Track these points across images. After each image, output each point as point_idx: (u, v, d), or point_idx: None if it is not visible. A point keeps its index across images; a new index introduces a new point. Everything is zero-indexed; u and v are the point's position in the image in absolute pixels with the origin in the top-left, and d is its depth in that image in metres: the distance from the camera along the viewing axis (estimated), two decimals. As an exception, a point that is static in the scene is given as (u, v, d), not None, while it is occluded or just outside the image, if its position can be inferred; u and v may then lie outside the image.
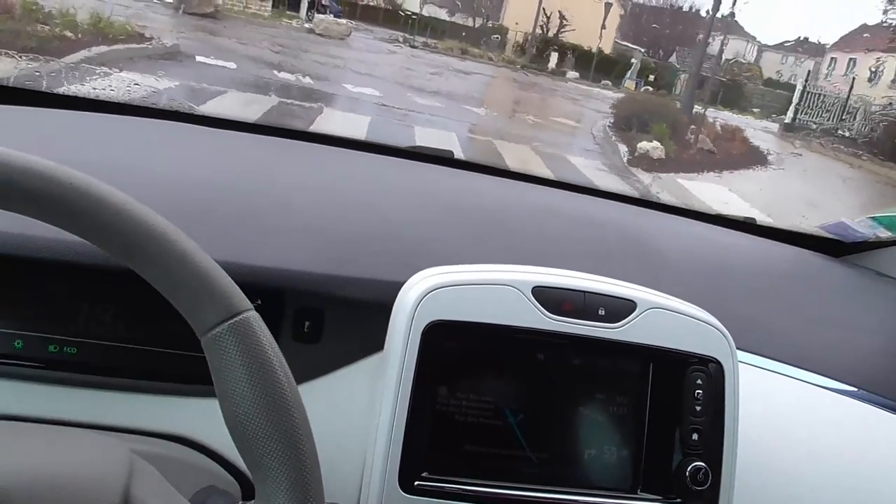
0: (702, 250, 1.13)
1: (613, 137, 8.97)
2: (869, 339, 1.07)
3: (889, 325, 1.14)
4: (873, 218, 1.28)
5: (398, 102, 8.13)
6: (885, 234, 1.29)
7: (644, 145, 8.21)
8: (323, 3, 14.59)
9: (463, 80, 12.24)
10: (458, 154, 1.29)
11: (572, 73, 15.64)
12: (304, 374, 0.73)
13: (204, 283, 0.45)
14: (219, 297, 0.46)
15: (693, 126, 9.58)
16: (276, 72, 8.23)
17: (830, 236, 1.33)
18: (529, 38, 16.07)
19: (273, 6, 13.29)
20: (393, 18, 16.60)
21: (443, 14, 17.27)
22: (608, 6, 17.13)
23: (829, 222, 1.34)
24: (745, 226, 1.34)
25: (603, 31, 17.09)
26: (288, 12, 13.87)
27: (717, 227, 1.29)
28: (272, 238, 0.79)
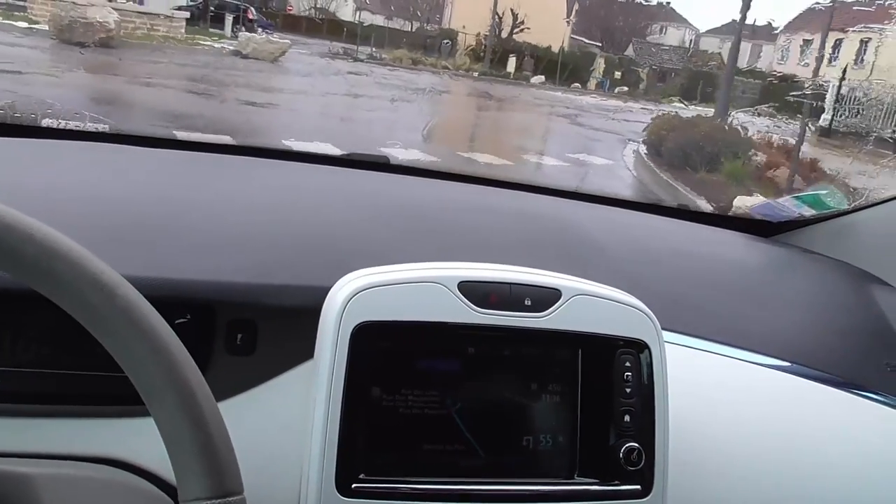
0: (634, 238, 1.15)
1: (679, 186, 5.94)
2: (800, 314, 1.11)
3: (818, 299, 1.18)
4: (797, 197, 1.33)
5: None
6: (809, 212, 1.33)
7: (746, 202, 4.81)
8: (250, 17, 12.27)
9: (431, 103, 9.98)
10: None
11: (537, 78, 13.96)
12: (240, 385, 0.73)
13: (205, 450, 0.44)
14: (215, 470, 0.44)
15: (762, 154, 6.28)
16: (178, 132, 4.81)
17: (759, 217, 1.38)
18: (485, 41, 14.77)
19: (191, 23, 10.78)
20: (330, 28, 14.89)
21: (379, 20, 15.78)
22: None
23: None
24: (678, 212, 1.37)
25: (568, 24, 16.08)
26: (211, 30, 11.34)
27: (649, 215, 1.31)
28: (200, 251, 0.79)
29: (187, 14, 10.05)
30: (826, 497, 0.91)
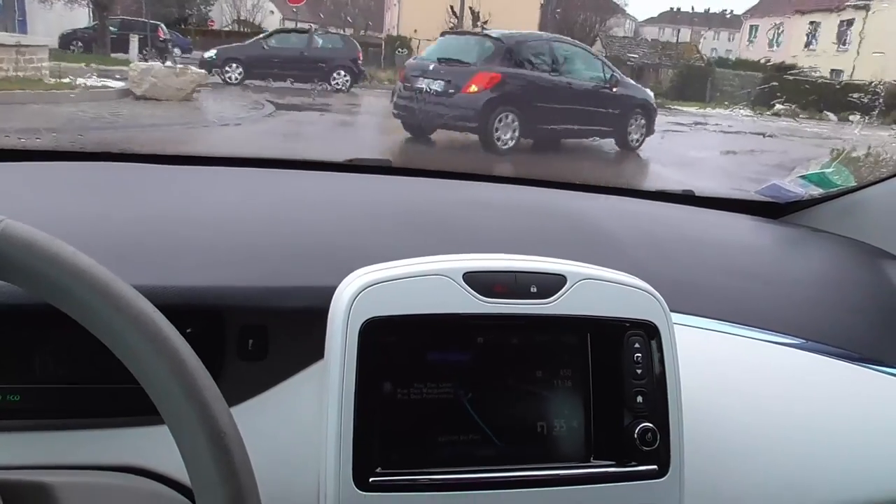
0: (641, 225, 1.15)
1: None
2: (811, 292, 1.11)
3: (829, 277, 1.17)
4: (803, 177, 1.32)
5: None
6: (816, 191, 1.33)
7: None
8: (161, 37, 9.37)
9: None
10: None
11: None
12: (253, 389, 0.74)
13: (223, 466, 0.44)
14: (233, 488, 0.44)
15: None
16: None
17: (766, 199, 1.37)
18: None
19: (87, 49, 8.28)
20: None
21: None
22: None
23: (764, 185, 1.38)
24: (684, 198, 1.37)
25: (541, 16, 13.25)
26: (115, 55, 8.48)
27: (656, 203, 1.31)
28: (207, 261, 0.80)
29: (46, 42, 6.67)
30: (844, 472, 0.91)
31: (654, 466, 0.71)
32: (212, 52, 9.04)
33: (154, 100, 6.10)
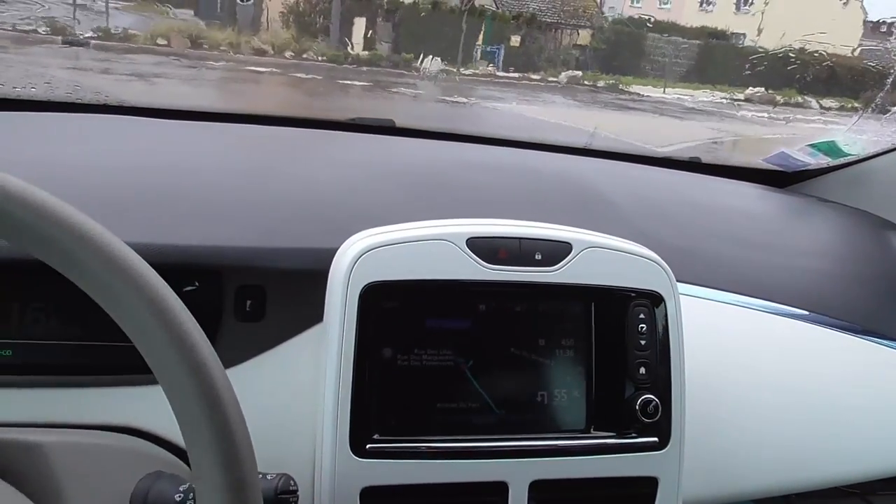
0: (645, 191, 1.13)
1: None
2: (817, 263, 1.09)
3: (836, 248, 1.16)
4: (812, 145, 1.30)
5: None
6: (824, 160, 1.30)
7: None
8: None
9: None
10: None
11: (431, 61, 4.63)
12: (250, 351, 0.73)
13: (221, 437, 0.43)
14: (231, 461, 0.43)
15: None
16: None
17: (773, 168, 1.35)
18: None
19: None
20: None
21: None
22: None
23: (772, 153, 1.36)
24: (691, 165, 1.35)
25: None
26: None
27: (661, 169, 1.29)
28: (206, 219, 0.78)
29: None
30: (844, 446, 0.90)
31: (655, 438, 0.70)
32: None
33: None
